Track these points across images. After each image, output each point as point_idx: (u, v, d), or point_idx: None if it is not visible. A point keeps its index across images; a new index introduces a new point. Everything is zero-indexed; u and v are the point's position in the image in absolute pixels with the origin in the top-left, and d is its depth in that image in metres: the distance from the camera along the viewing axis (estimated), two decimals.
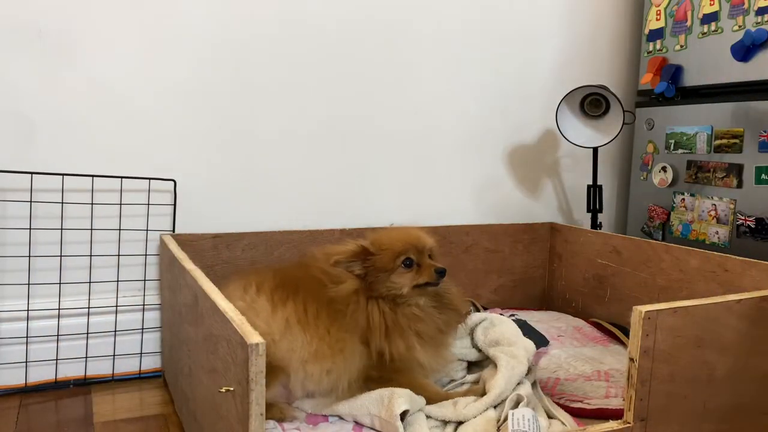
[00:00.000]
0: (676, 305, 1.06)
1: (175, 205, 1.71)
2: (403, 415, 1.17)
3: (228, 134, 1.77)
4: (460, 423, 1.22)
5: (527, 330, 1.60)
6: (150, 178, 1.67)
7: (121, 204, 1.66)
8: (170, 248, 1.46)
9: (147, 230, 1.69)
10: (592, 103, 1.98)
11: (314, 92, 1.85)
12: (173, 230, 1.71)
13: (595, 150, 2.00)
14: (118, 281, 1.68)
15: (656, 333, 1.04)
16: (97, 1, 1.59)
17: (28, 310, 1.59)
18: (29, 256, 1.59)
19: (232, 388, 0.92)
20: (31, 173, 1.55)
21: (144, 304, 1.70)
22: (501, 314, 1.72)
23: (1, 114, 1.55)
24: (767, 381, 1.18)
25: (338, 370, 1.26)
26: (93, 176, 1.62)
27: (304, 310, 1.28)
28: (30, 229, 1.58)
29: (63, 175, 1.58)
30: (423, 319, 1.33)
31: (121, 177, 1.64)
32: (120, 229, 1.67)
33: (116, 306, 1.67)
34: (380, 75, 1.93)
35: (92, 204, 1.63)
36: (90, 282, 1.65)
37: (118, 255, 1.67)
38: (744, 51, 1.78)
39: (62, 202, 1.60)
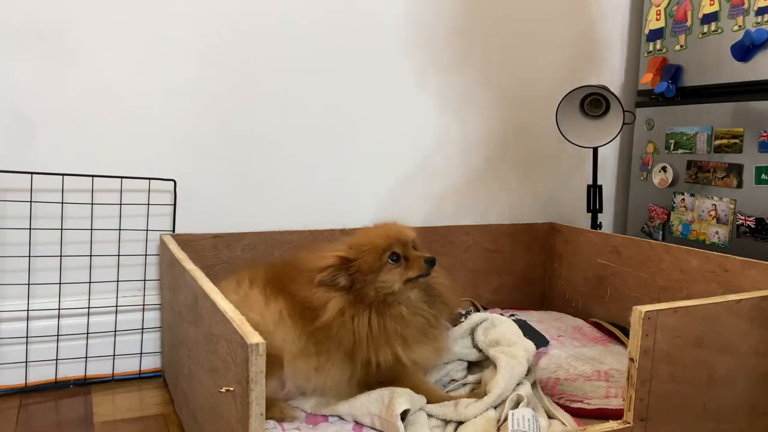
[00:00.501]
0: (676, 305, 1.06)
1: (175, 205, 1.71)
2: (404, 415, 1.17)
3: (228, 134, 1.77)
4: (460, 423, 1.22)
5: (527, 330, 1.60)
6: (150, 178, 1.67)
7: (121, 204, 1.66)
8: (170, 248, 1.46)
9: (147, 230, 1.69)
10: (592, 103, 1.98)
11: (315, 92, 1.85)
12: (173, 230, 1.71)
13: (595, 150, 2.00)
14: (118, 281, 1.68)
15: (656, 333, 1.04)
16: (97, 1, 1.59)
17: (28, 310, 1.59)
18: (29, 256, 1.59)
19: (232, 388, 0.92)
20: (31, 173, 1.55)
21: (144, 304, 1.70)
22: (501, 314, 1.71)
23: (1, 114, 1.55)
24: (767, 381, 1.18)
25: (325, 369, 1.26)
26: (93, 176, 1.62)
27: (293, 307, 1.27)
28: (30, 229, 1.58)
29: (63, 175, 1.58)
30: (409, 320, 1.28)
31: (121, 177, 1.64)
32: (120, 229, 1.67)
33: (116, 306, 1.67)
34: (381, 75, 1.93)
35: (92, 204, 1.63)
36: (90, 282, 1.65)
37: (118, 255, 1.67)
38: (744, 51, 1.78)
39: (62, 202, 1.60)
